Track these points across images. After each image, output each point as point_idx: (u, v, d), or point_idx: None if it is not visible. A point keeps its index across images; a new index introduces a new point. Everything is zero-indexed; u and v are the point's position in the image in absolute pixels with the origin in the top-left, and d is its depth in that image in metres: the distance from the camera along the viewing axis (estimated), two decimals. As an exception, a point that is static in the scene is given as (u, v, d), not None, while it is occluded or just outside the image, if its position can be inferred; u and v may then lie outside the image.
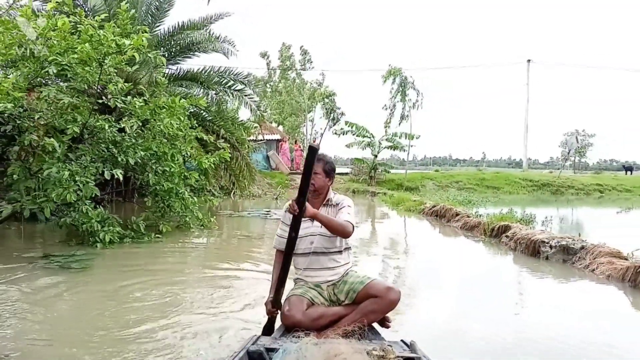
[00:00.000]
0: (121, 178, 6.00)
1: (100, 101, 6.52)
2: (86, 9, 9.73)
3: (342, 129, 22.19)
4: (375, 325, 2.63)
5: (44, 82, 6.65)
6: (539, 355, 3.09)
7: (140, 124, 6.45)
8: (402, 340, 2.24)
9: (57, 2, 5.80)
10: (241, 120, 11.36)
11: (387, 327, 2.68)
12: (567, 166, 39.96)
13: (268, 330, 2.61)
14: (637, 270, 4.71)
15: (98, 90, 6.53)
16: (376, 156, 21.73)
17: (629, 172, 34.14)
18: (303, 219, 2.49)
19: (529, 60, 30.10)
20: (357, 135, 21.58)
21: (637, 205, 17.39)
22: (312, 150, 2.32)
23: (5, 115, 5.47)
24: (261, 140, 20.59)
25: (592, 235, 7.45)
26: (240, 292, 4.32)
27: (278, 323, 2.61)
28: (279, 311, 2.58)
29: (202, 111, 9.81)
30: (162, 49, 10.25)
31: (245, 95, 10.82)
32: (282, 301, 2.59)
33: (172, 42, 10.70)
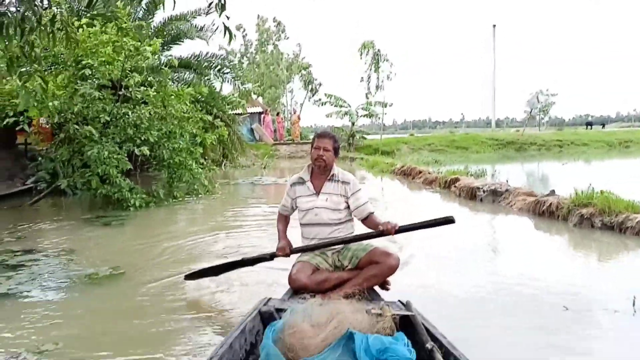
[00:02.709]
0: (148, 154, 7.49)
1: (120, 93, 7.91)
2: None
3: (320, 99, 23.71)
4: (376, 288, 2.85)
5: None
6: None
7: (157, 110, 7.90)
8: (399, 300, 2.39)
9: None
10: (231, 98, 12.78)
11: (387, 289, 2.90)
12: (543, 123, 41.96)
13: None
14: (536, 202, 6.51)
15: (117, 84, 7.90)
16: (354, 124, 23.26)
17: (589, 127, 36.52)
18: (308, 194, 2.95)
19: (494, 25, 31.76)
20: (335, 105, 23.09)
21: (592, 157, 19.49)
22: (449, 220, 2.70)
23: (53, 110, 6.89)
24: (245, 113, 21.87)
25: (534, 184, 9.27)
26: (246, 224, 6.35)
27: (287, 287, 2.85)
28: (290, 254, 2.95)
29: (197, 94, 11.14)
30: (155, 38, 11.48)
31: (233, 78, 12.31)
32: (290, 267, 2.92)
33: (165, 33, 11.97)
